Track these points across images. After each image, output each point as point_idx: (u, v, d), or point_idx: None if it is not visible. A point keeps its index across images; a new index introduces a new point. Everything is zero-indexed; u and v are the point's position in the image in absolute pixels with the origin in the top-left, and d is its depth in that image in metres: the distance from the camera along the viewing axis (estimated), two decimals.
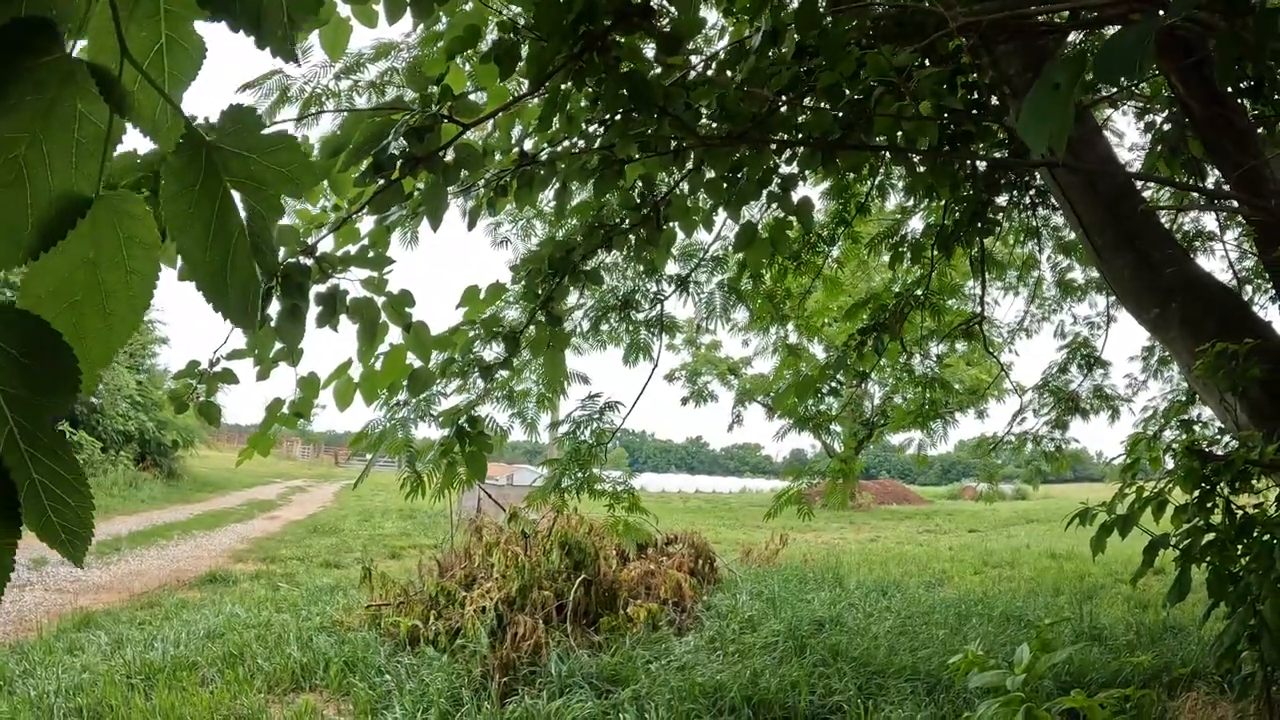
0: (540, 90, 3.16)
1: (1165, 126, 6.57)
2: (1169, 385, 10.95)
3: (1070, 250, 10.32)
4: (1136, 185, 5.64)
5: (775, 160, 4.18)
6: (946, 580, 14.47)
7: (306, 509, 26.57)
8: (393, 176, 3.04)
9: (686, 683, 6.93)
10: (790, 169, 4.17)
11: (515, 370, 6.24)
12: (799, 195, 4.30)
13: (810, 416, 8.60)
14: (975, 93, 4.99)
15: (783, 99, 3.55)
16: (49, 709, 6.53)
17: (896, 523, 29.93)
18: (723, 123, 3.50)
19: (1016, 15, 3.71)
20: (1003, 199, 7.27)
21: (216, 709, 6.63)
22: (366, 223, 3.96)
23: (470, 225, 4.18)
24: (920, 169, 5.33)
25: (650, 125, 3.24)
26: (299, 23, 1.08)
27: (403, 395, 5.34)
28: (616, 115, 3.28)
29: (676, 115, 3.20)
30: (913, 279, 8.53)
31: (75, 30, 1.03)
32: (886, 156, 5.89)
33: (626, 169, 3.75)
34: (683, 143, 3.47)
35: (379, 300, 3.36)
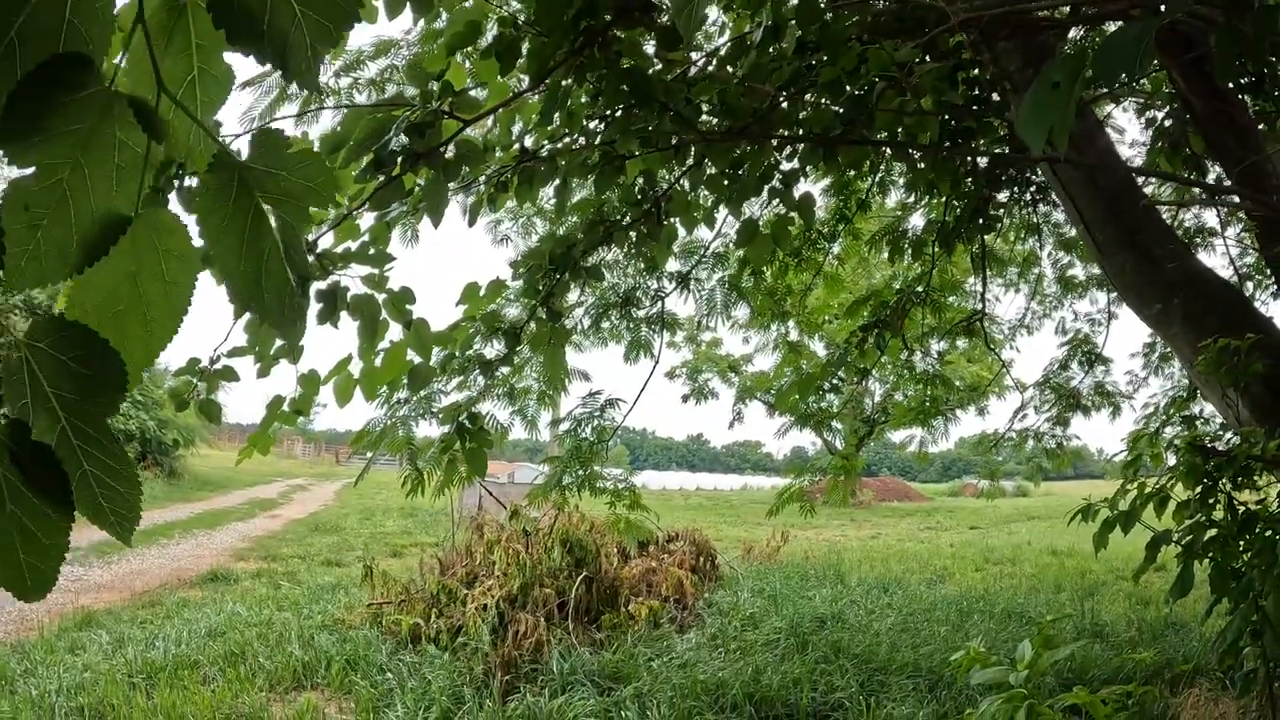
0: (541, 86, 3.15)
1: (1166, 122, 6.57)
2: (1170, 382, 10.94)
3: (1071, 246, 10.31)
4: (1137, 181, 5.63)
5: (776, 156, 4.18)
6: (948, 577, 14.48)
7: (308, 507, 26.61)
8: (393, 173, 3.03)
9: (688, 680, 6.93)
10: (792, 165, 4.16)
11: (516, 367, 6.23)
12: (800, 191, 4.29)
13: (812, 414, 8.61)
14: (976, 89, 4.98)
15: (784, 95, 3.55)
16: (50, 708, 6.52)
17: (897, 520, 29.96)
18: (724, 118, 3.50)
19: (1017, 11, 3.71)
20: (1004, 195, 7.26)
21: (218, 708, 6.63)
22: (366, 219, 3.96)
23: (471, 222, 4.18)
24: (921, 165, 5.32)
25: (651, 121, 3.23)
26: (321, 54, 1.14)
27: (403, 393, 5.33)
28: (617, 111, 3.28)
29: (677, 111, 3.20)
30: (914, 275, 8.52)
31: (114, 66, 1.13)
32: (887, 153, 5.88)
33: (627, 165, 3.74)
34: (684, 138, 3.47)
35: (380, 297, 3.36)
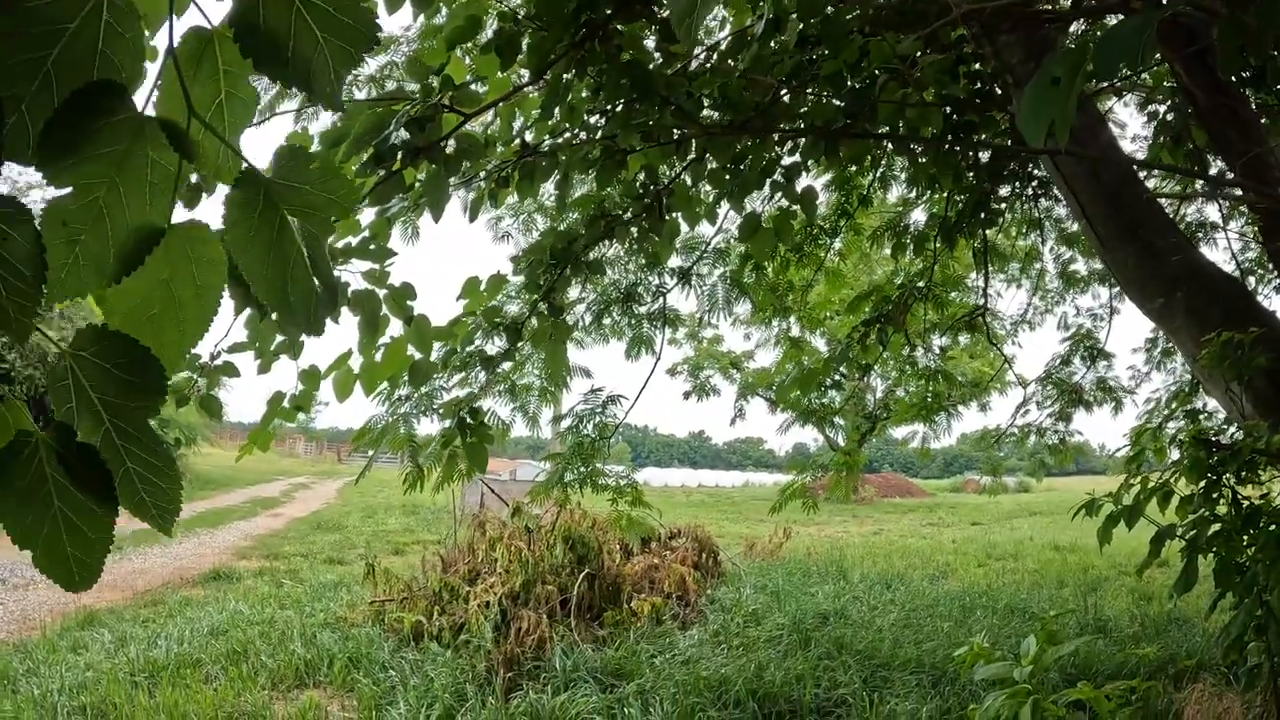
0: (541, 80, 3.14)
1: (1168, 116, 6.55)
2: (1172, 377, 10.92)
3: (1073, 241, 10.29)
4: (1139, 175, 5.61)
5: (778, 151, 4.16)
6: (950, 573, 14.48)
7: (310, 506, 26.63)
8: (394, 168, 3.02)
9: (691, 676, 6.92)
10: (793, 159, 4.15)
11: (518, 364, 6.21)
12: (802, 185, 4.28)
13: (814, 410, 8.59)
14: (978, 82, 4.96)
15: (785, 88, 3.53)
16: (53, 707, 6.52)
17: (899, 516, 29.97)
18: (725, 112, 3.48)
19: (1019, 4, 3.70)
20: (1005, 190, 7.25)
21: (220, 706, 6.63)
22: (367, 215, 3.95)
23: (472, 217, 4.17)
24: (923, 160, 5.30)
25: (652, 115, 3.22)
26: (344, 76, 1.19)
27: (404, 390, 5.32)
28: (618, 105, 3.26)
29: (678, 105, 3.18)
30: (915, 270, 8.50)
31: (148, 92, 1.20)
32: (889, 148, 5.86)
33: (629, 159, 3.73)
34: (685, 132, 3.46)
35: (380, 293, 3.35)
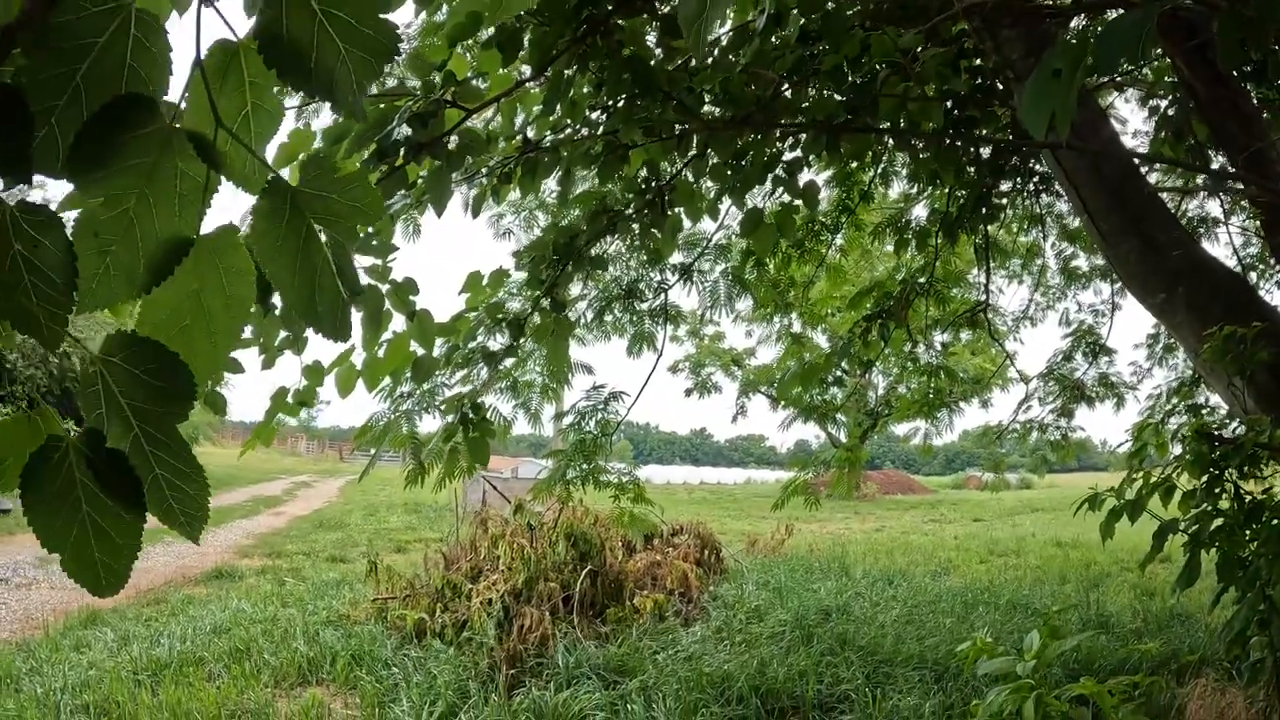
0: (543, 75, 3.14)
1: (1170, 111, 6.54)
2: (1174, 373, 10.93)
3: (1075, 237, 10.29)
4: (1141, 170, 5.60)
5: (779, 146, 4.16)
6: (952, 569, 14.47)
7: (312, 504, 26.64)
8: (396, 163, 3.02)
9: (694, 673, 6.92)
10: (795, 154, 4.14)
11: (520, 360, 6.21)
12: (804, 180, 4.27)
13: (815, 406, 8.59)
14: (979, 77, 4.95)
15: (787, 83, 3.53)
16: (55, 706, 6.53)
17: (901, 512, 29.98)
18: (727, 107, 3.48)
19: None
20: (1007, 185, 7.24)
21: (223, 704, 6.63)
22: None
23: (474, 213, 4.17)
24: (924, 155, 5.30)
25: (654, 110, 3.21)
26: (366, 87, 1.22)
27: (406, 387, 5.31)
28: (620, 100, 3.26)
29: (680, 100, 3.18)
30: (917, 266, 8.49)
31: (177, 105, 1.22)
32: (890, 143, 5.86)
33: (631, 155, 3.72)
34: (687, 127, 3.45)
35: (383, 288, 3.35)
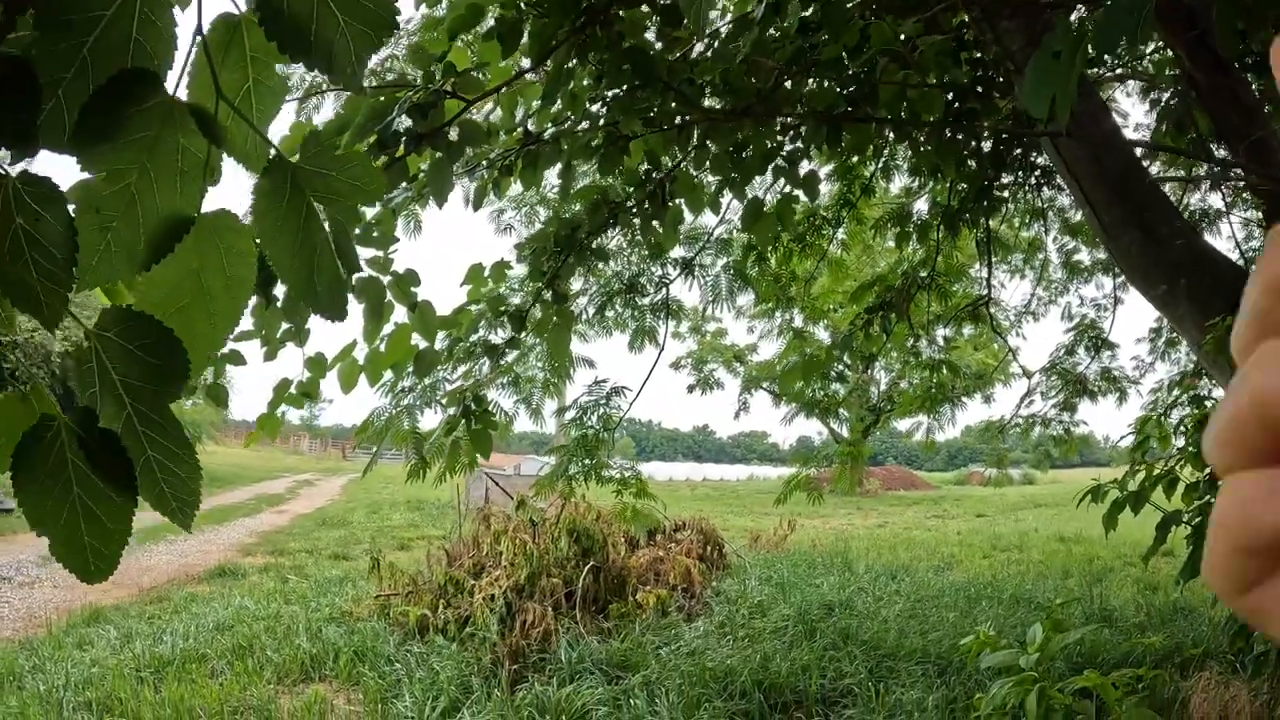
0: (543, 66, 3.13)
1: (1171, 102, 6.53)
2: (1176, 367, 10.90)
3: (1077, 231, 10.27)
4: (1143, 163, 5.59)
5: (780, 139, 4.15)
6: (955, 564, 14.47)
7: (314, 502, 26.64)
8: (397, 154, 3.01)
9: (697, 668, 6.92)
10: (796, 145, 4.13)
11: (521, 355, 6.20)
12: (804, 169, 4.26)
13: (817, 400, 8.58)
14: (980, 69, 4.94)
15: (787, 73, 3.52)
16: (58, 703, 6.53)
17: (904, 508, 29.95)
18: (727, 98, 3.47)
19: None
20: (1008, 178, 7.22)
21: (226, 700, 6.63)
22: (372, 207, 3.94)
23: (475, 206, 4.16)
24: (925, 147, 5.28)
25: (654, 100, 3.21)
26: (365, 60, 1.21)
27: (408, 381, 5.31)
28: (620, 91, 3.25)
29: (680, 90, 3.18)
30: (919, 259, 8.48)
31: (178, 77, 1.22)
32: (891, 137, 5.85)
33: (631, 147, 3.72)
34: (687, 118, 3.45)
35: (384, 279, 3.35)
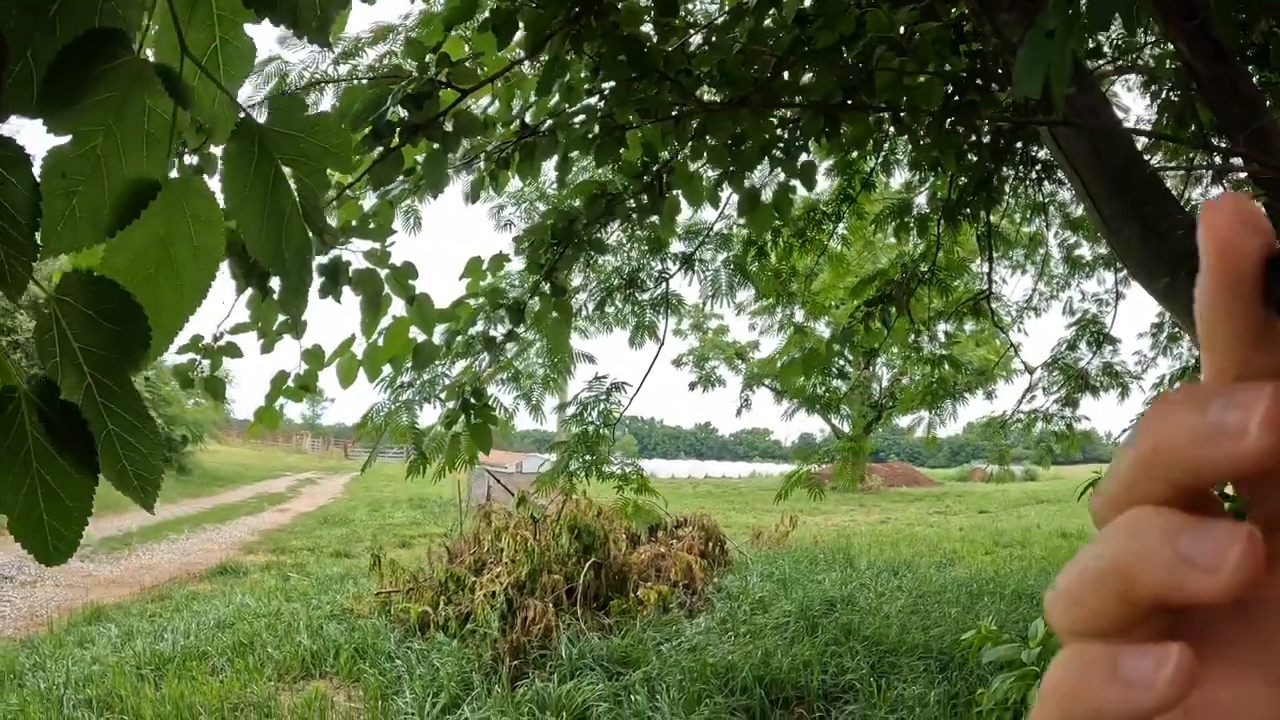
0: (537, 57, 3.12)
1: (1172, 96, 6.51)
2: (1178, 362, 10.87)
3: (1078, 226, 10.24)
4: (1144, 155, 5.57)
5: (779, 132, 4.13)
6: (957, 560, 14.46)
7: (316, 501, 26.65)
8: (392, 144, 3.00)
9: (698, 663, 6.91)
10: (794, 136, 4.11)
11: (520, 349, 6.19)
12: (802, 160, 4.24)
13: (818, 396, 8.56)
14: (979, 61, 4.92)
15: (783, 63, 3.50)
16: (58, 700, 6.53)
17: (906, 505, 29.93)
18: (724, 89, 3.45)
19: None
20: (1009, 172, 7.19)
21: (226, 697, 6.64)
22: (369, 200, 3.94)
23: (472, 200, 4.15)
24: (924, 140, 5.26)
25: (650, 90, 3.19)
26: (331, 15, 1.20)
27: (407, 377, 5.30)
28: (617, 81, 3.24)
29: (676, 81, 3.16)
30: (919, 253, 8.45)
31: (143, 36, 1.19)
32: (891, 131, 5.83)
33: (629, 140, 3.70)
34: (684, 109, 3.43)
35: (382, 272, 3.34)
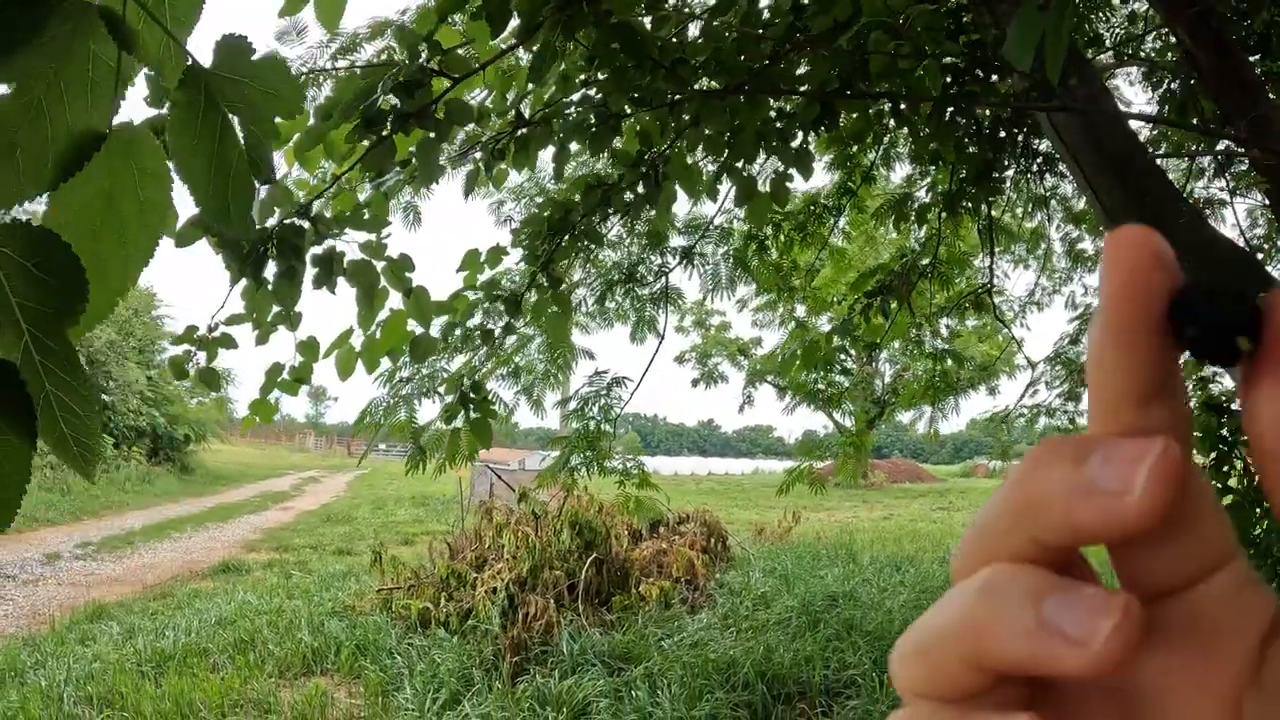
0: (530, 43, 3.09)
1: (1173, 86, 6.49)
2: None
3: (1080, 219, 10.22)
4: (1146, 146, 5.55)
5: (776, 125, 4.10)
6: None
7: (319, 499, 26.66)
8: (383, 132, 2.98)
9: (699, 659, 6.89)
10: (790, 125, 4.08)
11: (520, 345, 6.17)
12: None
13: (820, 391, 8.53)
14: (979, 51, 4.90)
15: (779, 51, 3.48)
16: (59, 697, 6.52)
17: (909, 501, 29.88)
18: (719, 77, 3.43)
19: None
20: (1010, 165, 7.16)
21: (227, 694, 6.63)
22: (364, 192, 3.92)
23: (467, 193, 4.13)
24: (924, 131, 5.24)
25: (644, 78, 3.17)
26: None
27: (405, 372, 5.29)
28: (610, 69, 3.21)
29: (672, 69, 3.14)
30: (921, 246, 8.43)
31: None
32: (891, 124, 5.80)
33: (625, 129, 3.68)
34: (679, 97, 3.41)
35: (378, 265, 3.32)
